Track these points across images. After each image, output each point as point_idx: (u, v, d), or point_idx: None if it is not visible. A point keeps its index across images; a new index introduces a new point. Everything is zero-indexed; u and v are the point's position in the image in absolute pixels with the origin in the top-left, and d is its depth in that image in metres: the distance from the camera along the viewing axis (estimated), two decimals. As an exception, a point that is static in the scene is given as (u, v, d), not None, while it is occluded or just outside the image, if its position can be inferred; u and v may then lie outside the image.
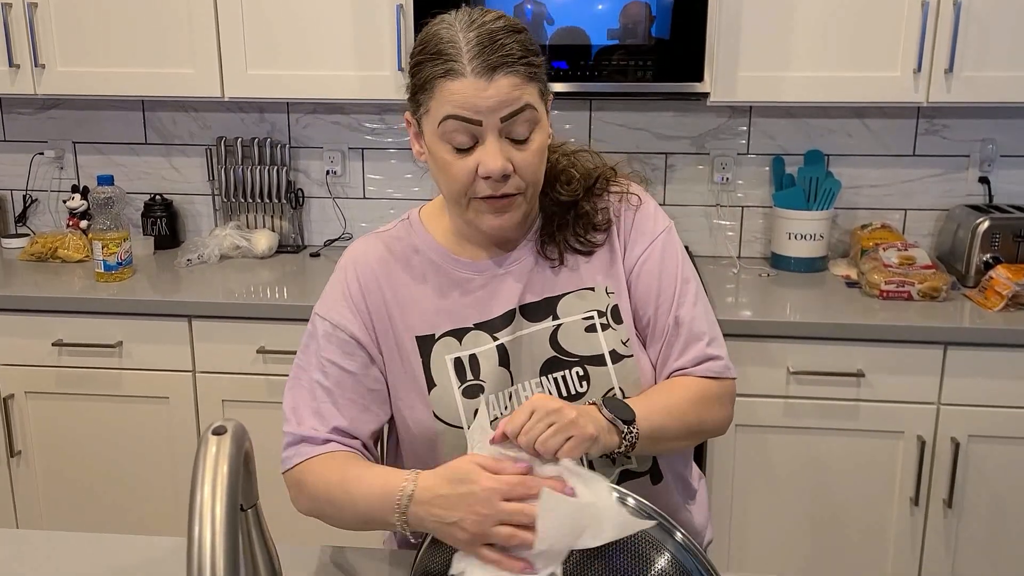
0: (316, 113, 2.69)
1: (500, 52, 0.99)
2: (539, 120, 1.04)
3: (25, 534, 1.21)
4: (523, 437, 0.95)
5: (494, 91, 0.99)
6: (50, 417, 2.33)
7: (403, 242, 1.17)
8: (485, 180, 1.03)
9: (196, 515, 0.52)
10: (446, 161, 1.04)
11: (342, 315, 1.14)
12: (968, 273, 2.30)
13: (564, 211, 1.15)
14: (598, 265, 1.15)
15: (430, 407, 1.11)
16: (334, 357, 1.13)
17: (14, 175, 2.83)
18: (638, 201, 1.18)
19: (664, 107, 2.56)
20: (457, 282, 1.14)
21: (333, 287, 1.17)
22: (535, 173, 1.06)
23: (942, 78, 2.15)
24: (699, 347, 1.15)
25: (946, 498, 2.10)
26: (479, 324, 1.13)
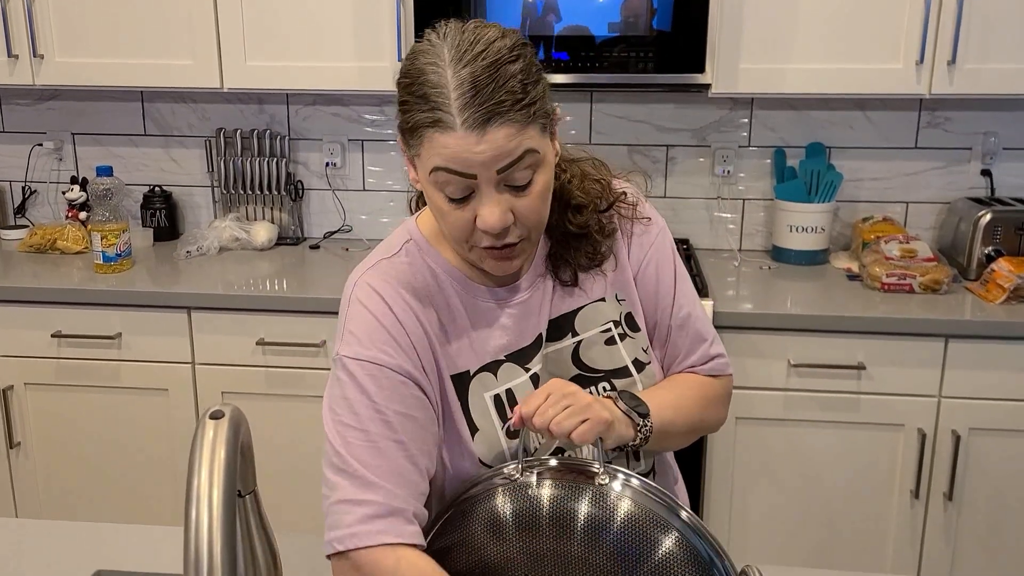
0: (316, 104, 2.68)
1: (493, 99, 0.88)
2: (541, 161, 0.94)
3: (23, 523, 1.20)
4: (538, 418, 0.93)
5: (487, 145, 0.88)
6: (49, 408, 2.32)
7: (419, 268, 1.05)
8: (485, 232, 0.94)
9: (193, 499, 0.52)
10: (442, 209, 0.95)
11: (385, 351, 0.98)
12: (970, 266, 2.29)
13: (573, 237, 1.09)
14: (607, 274, 1.12)
15: (474, 454, 1.02)
16: (391, 403, 0.96)
17: (13, 166, 2.82)
18: (636, 203, 1.15)
19: (665, 99, 2.56)
20: (483, 312, 1.05)
21: (363, 323, 0.99)
22: (538, 216, 0.97)
23: (944, 70, 2.15)
24: (704, 347, 1.16)
25: (946, 491, 2.10)
26: (510, 355, 1.06)
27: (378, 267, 1.04)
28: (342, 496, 0.92)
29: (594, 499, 0.90)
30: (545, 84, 0.95)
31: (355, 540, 0.90)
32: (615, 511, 0.89)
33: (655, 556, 0.87)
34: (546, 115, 0.95)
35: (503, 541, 0.91)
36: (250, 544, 0.67)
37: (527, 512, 0.91)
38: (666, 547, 0.87)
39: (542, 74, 0.95)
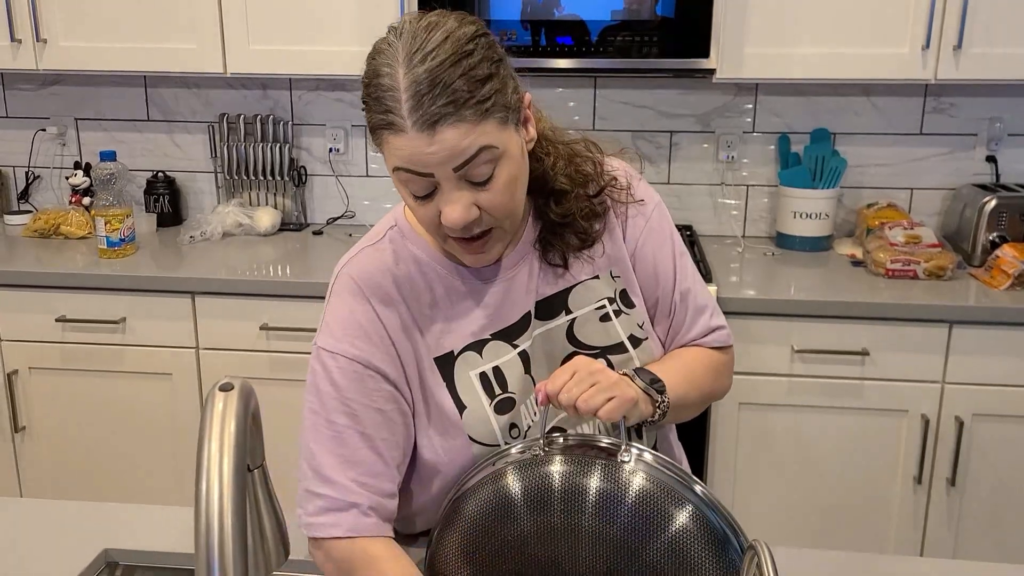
0: (318, 90, 2.67)
1: (441, 100, 0.87)
2: (502, 155, 0.93)
3: (30, 503, 1.21)
4: (564, 395, 0.93)
5: (438, 146, 0.89)
6: (54, 393, 2.33)
7: (402, 255, 1.06)
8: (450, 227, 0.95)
9: (204, 470, 0.52)
10: (411, 205, 0.97)
11: (357, 346, 1.01)
12: (974, 252, 2.29)
13: (560, 225, 1.09)
14: (600, 251, 1.12)
15: (463, 431, 1.03)
16: (360, 396, 1.00)
17: (16, 151, 2.82)
18: (628, 185, 1.14)
19: (669, 84, 2.55)
20: (466, 293, 1.06)
21: (339, 314, 1.03)
22: (505, 208, 0.96)
23: (951, 55, 2.14)
24: (704, 320, 1.17)
25: (949, 477, 2.10)
26: (496, 333, 1.07)
27: (361, 255, 1.07)
28: (306, 486, 1.00)
29: (616, 475, 0.91)
30: (506, 75, 0.94)
31: (312, 530, 0.99)
32: (635, 487, 0.90)
33: (671, 531, 0.87)
34: (505, 108, 0.93)
35: (525, 517, 0.91)
36: (258, 517, 0.67)
37: (547, 488, 0.91)
38: (682, 523, 0.87)
39: (502, 65, 0.94)
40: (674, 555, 0.86)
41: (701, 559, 0.86)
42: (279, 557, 0.72)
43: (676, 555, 0.86)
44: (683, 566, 0.86)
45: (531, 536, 0.90)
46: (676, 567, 0.86)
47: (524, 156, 0.99)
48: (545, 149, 1.08)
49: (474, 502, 0.94)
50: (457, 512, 0.95)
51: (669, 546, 0.87)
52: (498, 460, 0.97)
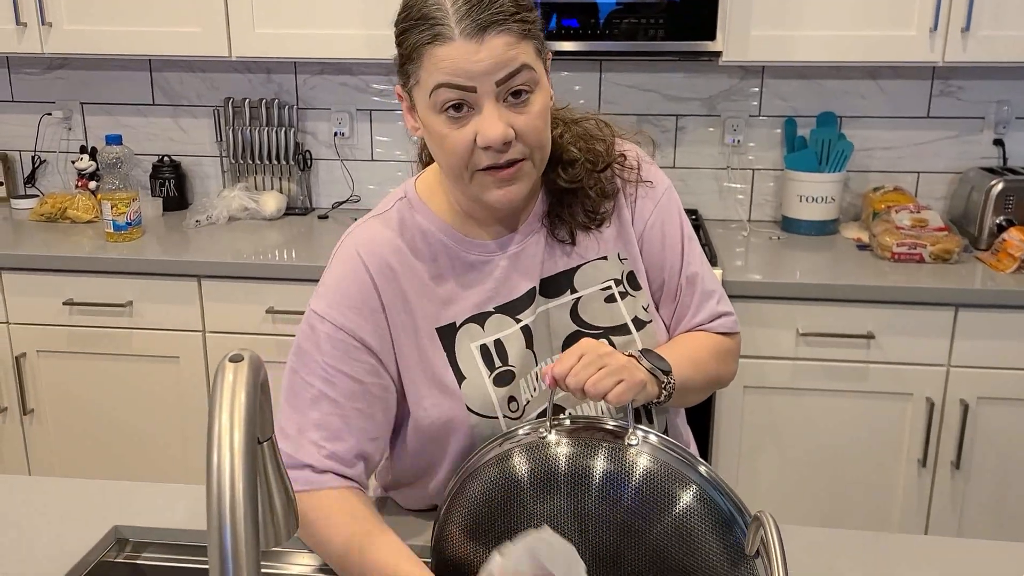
0: (323, 74, 2.67)
1: (490, 9, 0.91)
2: (538, 80, 0.96)
3: (41, 480, 1.22)
4: (572, 378, 0.92)
5: (487, 53, 0.90)
6: (62, 375, 2.34)
7: (408, 224, 1.07)
8: (486, 150, 0.95)
9: (215, 440, 0.52)
10: (442, 134, 0.96)
11: (346, 316, 1.03)
12: (981, 235, 2.28)
13: (568, 194, 1.09)
14: (608, 233, 1.12)
15: (462, 401, 1.04)
16: (340, 364, 1.02)
17: (22, 136, 2.83)
18: (637, 165, 1.14)
19: (675, 68, 2.54)
20: (472, 265, 1.07)
21: (336, 281, 1.04)
22: (539, 136, 0.97)
23: (958, 37, 2.13)
24: (711, 305, 1.17)
25: (954, 460, 2.10)
26: (500, 307, 1.07)
27: (367, 225, 1.08)
28: (280, 444, 1.02)
29: (622, 457, 0.90)
30: (538, 18, 0.98)
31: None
32: (642, 469, 0.90)
33: (677, 512, 0.87)
34: (541, 40, 0.98)
35: (531, 499, 0.91)
36: (268, 491, 0.68)
37: (553, 470, 0.91)
38: (688, 504, 0.87)
39: (534, 9, 0.98)
40: (680, 536, 0.86)
41: (707, 540, 0.86)
42: (288, 530, 0.72)
43: (682, 536, 0.86)
44: (689, 547, 0.86)
45: (537, 518, 0.90)
46: (682, 548, 0.86)
47: (551, 99, 1.01)
48: (554, 123, 1.08)
49: (480, 483, 0.94)
50: (463, 492, 0.96)
51: (675, 528, 0.87)
52: (504, 441, 0.97)
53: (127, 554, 1.11)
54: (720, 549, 0.86)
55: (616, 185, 1.12)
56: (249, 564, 0.50)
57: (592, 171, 1.09)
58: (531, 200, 1.10)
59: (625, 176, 1.13)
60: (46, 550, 1.06)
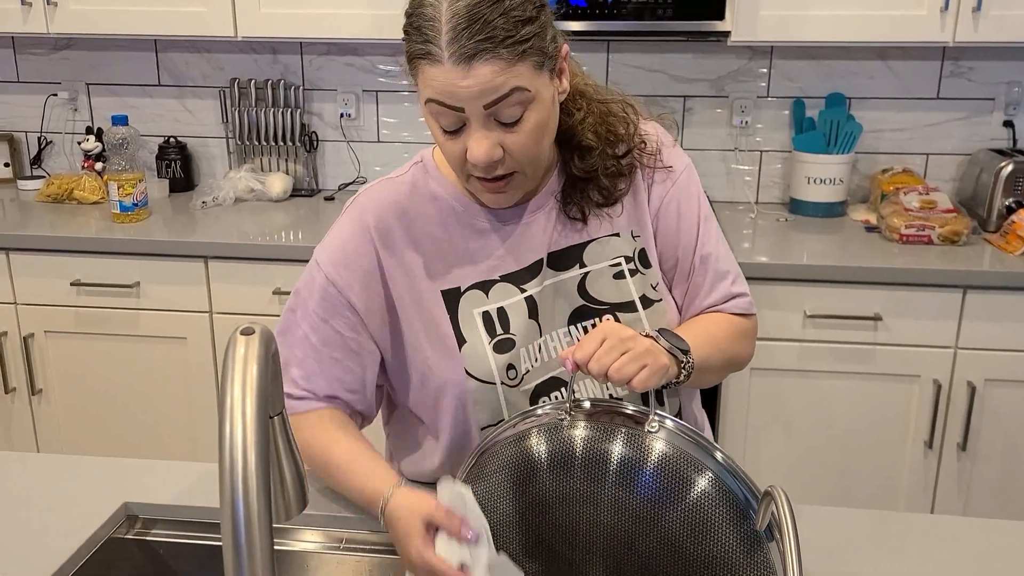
0: (329, 55, 2.66)
1: (480, 36, 0.90)
2: (533, 99, 0.95)
3: (50, 458, 1.23)
4: (595, 363, 0.91)
5: (473, 80, 0.91)
6: (70, 356, 2.35)
7: (420, 188, 1.10)
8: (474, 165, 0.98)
9: (227, 413, 0.53)
10: (438, 139, 1.00)
11: (340, 273, 1.08)
12: (990, 217, 2.27)
13: (582, 181, 1.10)
14: (622, 210, 1.12)
15: (461, 364, 1.06)
16: (326, 316, 1.08)
17: (28, 117, 2.82)
18: (658, 150, 1.14)
19: (683, 48, 2.52)
20: (480, 232, 1.09)
21: (341, 235, 1.09)
22: (529, 153, 0.99)
23: (969, 16, 2.11)
24: (725, 285, 1.16)
25: (960, 442, 2.10)
26: (505, 276, 1.09)
27: (379, 185, 1.12)
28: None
29: (641, 443, 0.89)
30: (546, 22, 0.97)
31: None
32: (659, 455, 0.88)
33: (693, 499, 0.86)
34: (542, 53, 0.95)
35: (547, 480, 0.90)
36: (279, 466, 0.68)
37: (570, 453, 0.90)
38: (704, 490, 0.86)
39: (544, 11, 0.96)
40: (696, 523, 0.86)
41: (723, 527, 0.85)
42: (298, 505, 0.73)
43: (698, 523, 0.86)
44: (705, 534, 0.85)
45: (552, 500, 0.90)
46: (698, 535, 0.85)
47: (555, 105, 1.01)
48: (578, 104, 1.09)
49: (496, 461, 0.94)
50: (480, 470, 0.95)
51: (691, 515, 0.86)
52: (521, 422, 0.96)
53: (137, 531, 1.12)
54: (735, 536, 0.85)
55: (634, 164, 1.12)
56: (262, 537, 0.50)
57: (609, 156, 1.09)
58: (545, 176, 1.11)
59: (644, 161, 1.13)
60: (57, 527, 1.07)
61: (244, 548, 0.49)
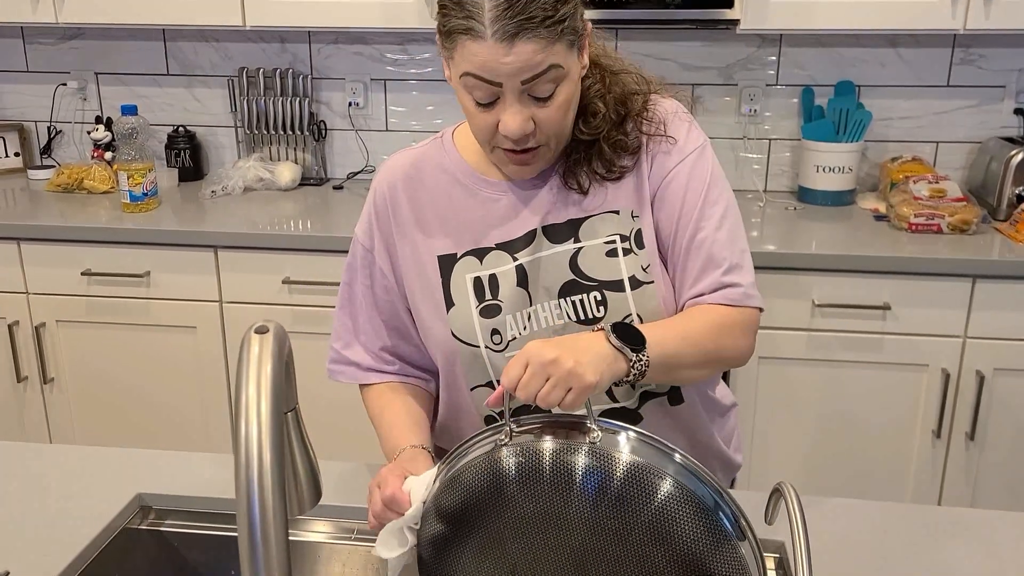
0: (338, 43, 2.66)
1: (522, 16, 0.94)
2: (565, 75, 1.00)
3: (65, 448, 1.24)
4: (522, 391, 0.91)
5: (514, 57, 0.95)
6: (81, 345, 2.37)
7: (432, 160, 1.17)
8: (506, 137, 1.02)
9: (243, 412, 0.53)
10: (469, 111, 1.04)
11: (372, 241, 1.18)
12: (1000, 206, 2.26)
13: (587, 146, 1.10)
14: (625, 187, 1.11)
15: (448, 326, 1.12)
16: (370, 282, 1.19)
17: (38, 106, 2.83)
18: (672, 119, 1.12)
19: (692, 36, 2.51)
20: (482, 202, 1.14)
21: (368, 206, 1.20)
22: (558, 127, 1.04)
23: (980, 4, 2.09)
24: (715, 274, 1.09)
25: (968, 431, 2.10)
26: (500, 244, 1.12)
27: (397, 155, 1.21)
28: (330, 340, 1.24)
29: (587, 455, 0.85)
30: (577, 4, 1.01)
31: (330, 374, 1.23)
32: (610, 465, 0.84)
33: (656, 505, 0.83)
34: (575, 32, 1.01)
35: (502, 509, 0.87)
36: (292, 461, 0.69)
37: (519, 475, 0.86)
38: (665, 495, 0.82)
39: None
40: (663, 529, 0.82)
41: (691, 528, 0.82)
42: (312, 499, 0.74)
43: (665, 529, 0.82)
44: (674, 538, 0.82)
45: (513, 527, 0.86)
46: (667, 540, 0.82)
47: (579, 81, 1.05)
48: (591, 73, 1.10)
49: (450, 499, 0.90)
50: (438, 501, 0.92)
51: (657, 521, 0.82)
52: (463, 454, 0.92)
53: (151, 521, 1.13)
54: (706, 536, 0.82)
55: (639, 141, 1.11)
56: (278, 534, 0.51)
57: (615, 123, 1.10)
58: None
59: (646, 129, 1.11)
60: (71, 517, 1.08)
61: (260, 547, 0.50)
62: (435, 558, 0.92)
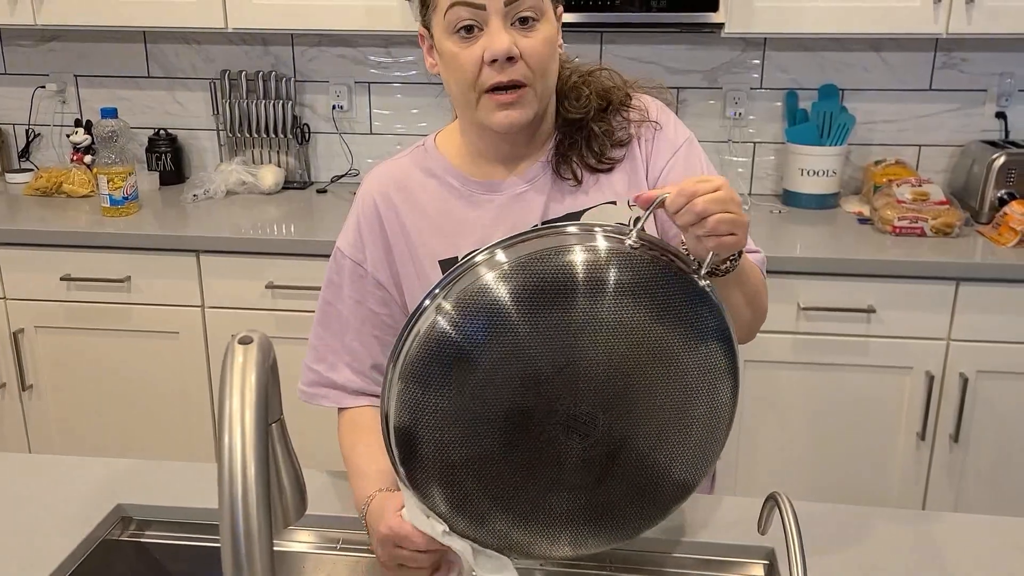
0: (321, 46, 2.64)
1: None
2: (545, 11, 1.03)
3: (42, 458, 1.22)
4: (702, 201, 0.86)
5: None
6: (60, 351, 2.33)
7: (418, 167, 1.16)
8: (491, 66, 1.01)
9: (226, 424, 0.52)
10: (453, 53, 1.03)
11: (364, 255, 1.15)
12: (982, 209, 2.28)
13: (576, 130, 1.12)
14: (619, 179, 1.13)
15: None
16: (360, 297, 1.15)
17: (16, 109, 2.80)
18: (656, 114, 1.15)
19: (677, 40, 2.51)
20: (476, 203, 1.13)
21: (354, 219, 1.17)
22: (542, 62, 1.03)
23: (963, 8, 2.10)
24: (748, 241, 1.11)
25: (952, 433, 2.11)
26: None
27: (381, 166, 1.19)
28: (306, 361, 1.19)
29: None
30: None
31: (307, 398, 1.19)
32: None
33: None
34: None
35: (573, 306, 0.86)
36: (277, 471, 0.68)
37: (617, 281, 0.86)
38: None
39: None
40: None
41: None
42: (297, 510, 0.72)
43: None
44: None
45: (555, 330, 0.85)
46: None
47: (557, 39, 1.07)
48: (566, 71, 1.14)
49: (541, 267, 0.86)
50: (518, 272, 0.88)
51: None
52: (592, 235, 0.89)
53: (131, 532, 1.11)
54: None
55: (629, 133, 1.13)
56: (262, 552, 0.49)
57: (600, 109, 1.12)
58: (542, 144, 1.13)
59: (632, 117, 1.14)
60: (50, 529, 1.06)
61: (244, 562, 0.49)
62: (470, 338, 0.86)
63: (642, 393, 0.88)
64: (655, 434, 0.90)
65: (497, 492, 0.89)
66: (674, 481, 0.92)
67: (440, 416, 0.86)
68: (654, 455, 0.90)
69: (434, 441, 0.87)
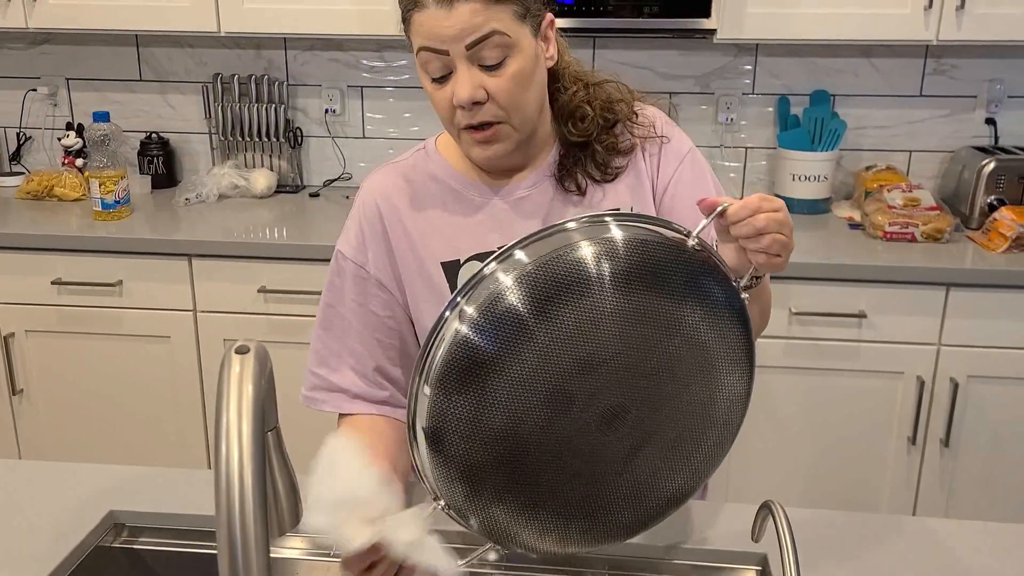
0: (314, 50, 2.64)
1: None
2: (513, 45, 1.01)
3: (34, 464, 1.21)
4: (762, 219, 0.88)
5: (454, 20, 0.98)
6: (51, 355, 2.32)
7: (420, 171, 1.17)
8: (461, 109, 1.02)
9: (223, 434, 0.52)
10: (429, 93, 1.05)
11: (366, 258, 1.15)
12: (972, 215, 2.29)
13: (579, 148, 1.13)
14: (623, 187, 1.14)
15: None
16: (362, 300, 1.15)
17: (7, 112, 2.78)
18: (662, 127, 1.15)
19: (669, 45, 2.52)
20: (478, 207, 1.14)
21: (355, 223, 1.17)
22: (513, 99, 1.03)
23: (953, 15, 2.12)
24: None
25: (943, 437, 2.12)
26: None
27: (382, 170, 1.19)
28: (308, 365, 1.18)
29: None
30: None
31: (309, 402, 1.17)
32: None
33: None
34: (523, 4, 1.01)
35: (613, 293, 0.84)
36: (273, 480, 0.68)
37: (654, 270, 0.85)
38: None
39: None
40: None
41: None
42: (293, 519, 0.72)
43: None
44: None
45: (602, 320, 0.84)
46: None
47: (539, 62, 1.06)
48: (573, 82, 1.13)
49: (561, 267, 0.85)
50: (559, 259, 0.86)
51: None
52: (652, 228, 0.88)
53: (124, 539, 1.11)
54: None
55: (632, 143, 1.14)
56: (259, 557, 0.50)
57: (604, 127, 1.13)
58: (542, 149, 1.14)
59: (638, 132, 1.14)
60: (42, 536, 1.06)
61: (241, 571, 0.49)
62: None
63: (673, 393, 0.89)
64: (674, 436, 0.90)
65: (516, 476, 0.86)
66: (673, 488, 0.92)
67: (490, 400, 0.82)
68: (670, 455, 0.91)
69: (474, 420, 0.83)
